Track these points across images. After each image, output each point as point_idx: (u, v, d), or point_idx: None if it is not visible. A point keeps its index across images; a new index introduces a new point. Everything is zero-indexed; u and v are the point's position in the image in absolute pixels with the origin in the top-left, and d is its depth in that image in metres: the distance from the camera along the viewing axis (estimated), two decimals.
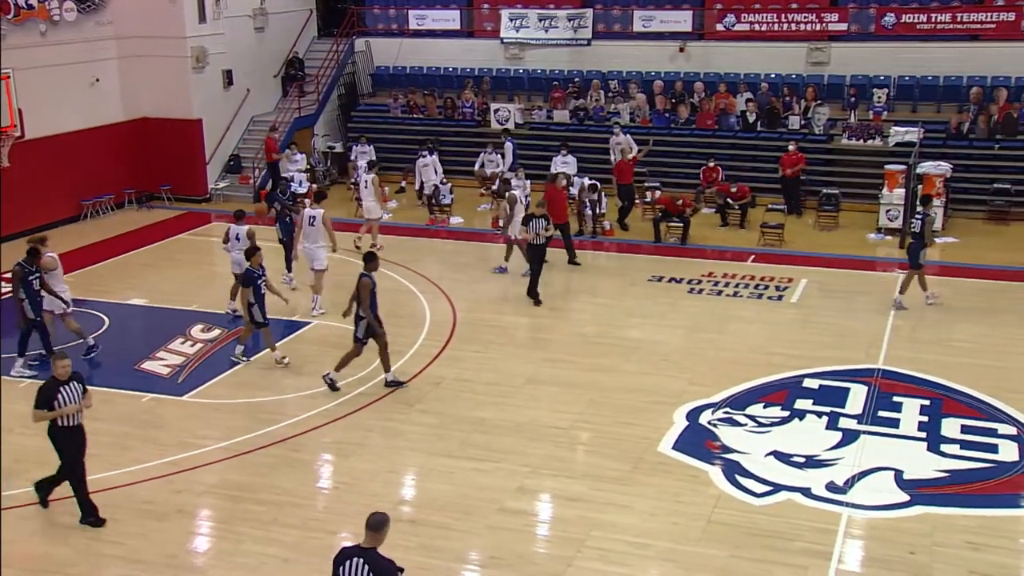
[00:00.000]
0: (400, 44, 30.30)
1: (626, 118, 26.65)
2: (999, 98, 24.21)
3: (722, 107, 26.03)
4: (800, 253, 20.50)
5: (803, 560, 9.80)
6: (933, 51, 25.37)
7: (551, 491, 11.40)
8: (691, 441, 12.41)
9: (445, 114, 28.33)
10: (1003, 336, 15.70)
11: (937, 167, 21.78)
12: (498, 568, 9.94)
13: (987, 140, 23.65)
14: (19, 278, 14.39)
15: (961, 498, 10.99)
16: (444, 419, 13.19)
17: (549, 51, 28.81)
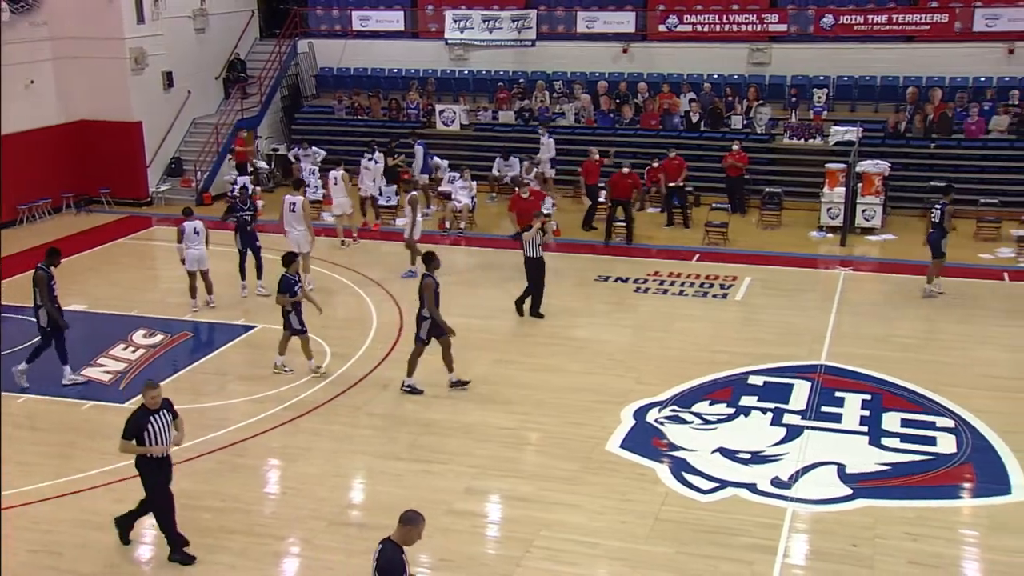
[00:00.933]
0: (344, 45, 30.13)
1: (571, 119, 26.81)
2: (934, 98, 24.74)
3: (666, 107, 26.25)
4: (744, 252, 20.75)
5: (749, 555, 9.92)
6: (870, 52, 25.85)
7: (500, 492, 11.42)
8: (638, 439, 12.50)
9: (390, 115, 28.21)
10: (941, 331, 16.04)
11: (876, 166, 22.18)
12: (448, 570, 9.94)
13: (923, 139, 24.14)
14: (43, 283, 14.06)
15: (901, 490, 11.21)
16: (392, 422, 13.14)
17: (494, 52, 28.84)
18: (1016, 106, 24.19)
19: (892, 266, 19.80)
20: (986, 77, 25.34)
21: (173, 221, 18.18)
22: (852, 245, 21.25)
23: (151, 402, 9.78)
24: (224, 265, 18.25)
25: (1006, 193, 22.69)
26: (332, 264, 19.72)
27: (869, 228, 21.92)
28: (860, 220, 21.92)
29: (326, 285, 18.49)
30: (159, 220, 23.83)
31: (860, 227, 21.90)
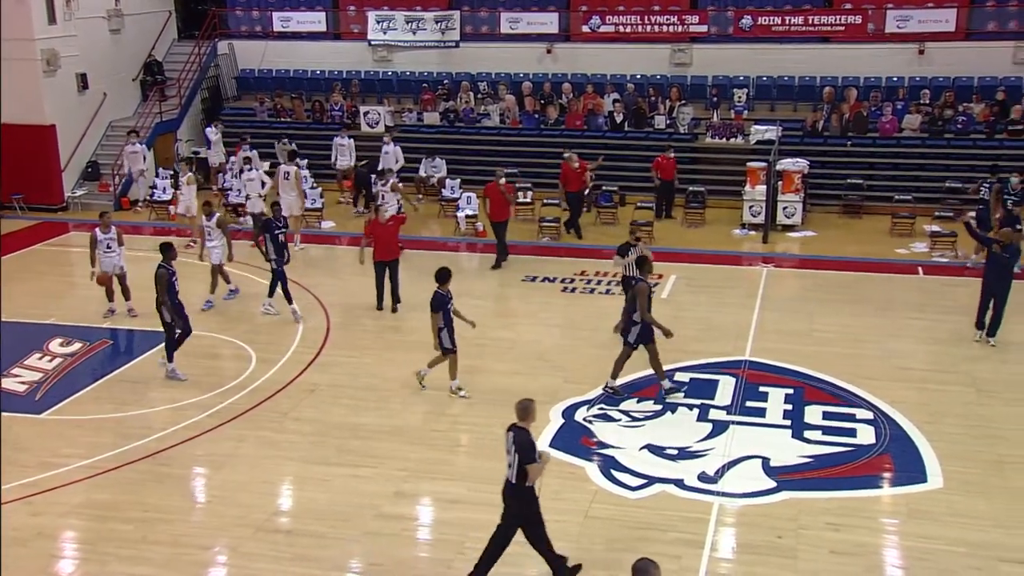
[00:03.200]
0: (265, 46, 29.79)
1: (496, 120, 26.87)
2: (849, 97, 25.38)
3: (590, 108, 26.47)
4: (669, 250, 20.95)
5: (677, 550, 10.05)
6: (788, 52, 26.40)
7: (430, 494, 11.40)
8: (567, 438, 12.57)
9: (314, 117, 27.96)
10: (860, 325, 16.42)
11: (795, 164, 22.65)
12: (378, 575, 9.87)
13: (840, 137, 24.74)
14: (164, 281, 14.06)
15: (823, 482, 11.46)
16: (319, 426, 13.01)
17: (418, 53, 28.79)
18: (927, 105, 24.93)
19: (812, 262, 20.23)
20: (898, 77, 26.07)
21: (89, 226, 17.73)
22: (774, 242, 21.67)
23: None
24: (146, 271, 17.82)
25: (919, 190, 23.36)
26: (256, 268, 19.43)
27: (790, 225, 22.37)
28: (781, 217, 22.36)
29: (252, 290, 18.23)
30: (75, 226, 23.25)
31: (781, 224, 22.34)
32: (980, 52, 25.49)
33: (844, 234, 22.23)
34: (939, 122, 24.43)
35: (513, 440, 9.13)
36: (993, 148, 23.85)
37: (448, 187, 24.29)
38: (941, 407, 13.22)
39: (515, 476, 9.21)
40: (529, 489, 9.26)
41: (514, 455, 9.17)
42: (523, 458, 9.10)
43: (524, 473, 9.07)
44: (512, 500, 9.37)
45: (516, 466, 9.16)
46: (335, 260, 20.86)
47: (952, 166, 23.77)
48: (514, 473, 9.21)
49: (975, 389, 13.79)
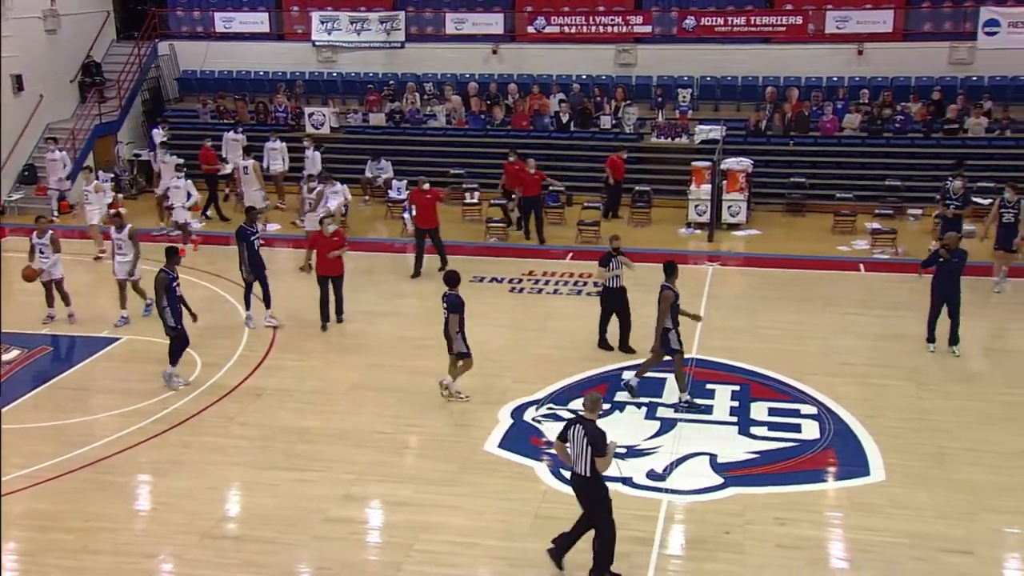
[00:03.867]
0: (207, 47, 29.44)
1: (442, 120, 26.84)
2: (791, 97, 25.75)
3: (536, 108, 26.55)
4: None
5: (626, 547, 10.06)
6: (731, 53, 26.71)
7: (378, 497, 11.33)
8: (517, 439, 12.58)
9: (257, 119, 27.67)
10: (804, 321, 16.64)
11: (739, 163, 22.90)
12: None
13: (783, 136, 25.09)
14: (164, 285, 13.76)
15: (770, 477, 11.59)
16: (266, 431, 12.88)
17: (362, 54, 28.65)
18: (866, 104, 25.38)
19: (757, 260, 20.47)
20: (838, 77, 26.51)
21: (26, 231, 17.38)
22: (719, 240, 21.89)
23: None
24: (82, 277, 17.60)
25: (860, 188, 23.76)
26: (199, 271, 19.20)
27: (735, 224, 22.62)
28: (726, 216, 22.60)
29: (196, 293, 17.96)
30: (12, 230, 22.75)
31: (726, 223, 22.58)
32: (917, 52, 26.00)
33: (788, 232, 22.53)
34: (878, 121, 24.88)
35: (584, 433, 9.24)
36: (931, 147, 24.35)
37: (395, 188, 24.20)
38: (883, 401, 13.44)
39: (588, 469, 9.32)
40: (600, 482, 9.44)
41: (584, 447, 9.27)
42: (595, 450, 9.23)
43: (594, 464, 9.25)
44: (587, 491, 9.49)
45: (588, 458, 9.28)
46: (279, 263, 20.63)
47: (891, 164, 24.23)
48: (586, 466, 9.31)
49: (915, 383, 14.05)
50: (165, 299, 13.87)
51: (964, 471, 11.57)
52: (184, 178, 21.67)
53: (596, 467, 9.27)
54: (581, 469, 9.39)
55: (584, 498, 9.55)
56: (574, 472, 9.50)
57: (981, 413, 13.06)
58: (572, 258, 20.47)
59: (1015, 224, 17.67)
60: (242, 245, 16.51)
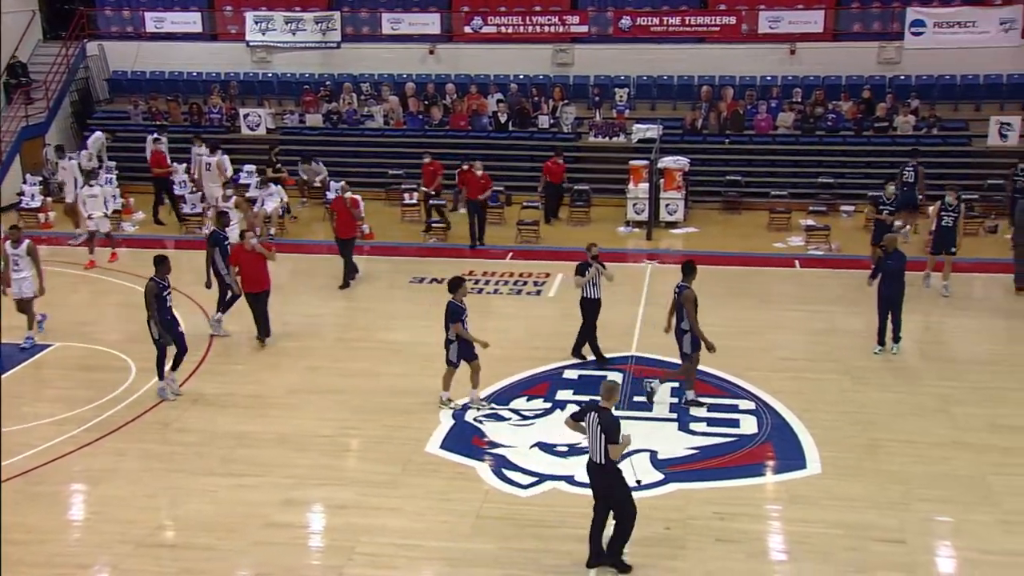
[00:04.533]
0: (138, 48, 28.98)
1: (380, 121, 26.73)
2: (726, 96, 26.11)
3: (474, 108, 26.56)
4: (555, 248, 21.23)
5: (568, 545, 10.13)
6: (666, 52, 26.99)
7: (319, 500, 11.24)
8: (458, 439, 12.58)
9: (191, 120, 27.29)
10: (741, 318, 16.86)
11: (676, 161, 23.15)
12: None
13: (718, 135, 25.42)
14: (153, 294, 13.26)
15: (709, 472, 11.72)
16: (204, 436, 12.71)
17: (298, 54, 28.42)
18: (799, 103, 25.83)
19: (695, 257, 20.52)
20: (772, 76, 26.94)
21: None
22: (657, 239, 22.12)
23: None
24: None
25: (794, 185, 24.18)
26: (131, 275, 18.87)
27: (672, 222, 22.87)
28: (664, 214, 22.84)
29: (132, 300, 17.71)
30: None
31: (664, 221, 22.81)
32: (847, 52, 26.55)
33: (724, 229, 22.84)
34: (811, 119, 25.33)
35: (599, 421, 9.39)
36: (862, 145, 24.86)
37: (332, 189, 24.00)
38: (818, 395, 13.69)
39: (603, 456, 9.44)
40: (616, 468, 9.55)
41: (599, 435, 9.40)
42: (609, 438, 9.36)
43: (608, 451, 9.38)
44: (601, 479, 9.60)
45: (603, 445, 9.41)
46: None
47: (824, 162, 24.71)
48: (601, 453, 9.44)
49: (850, 377, 14.33)
50: (155, 309, 13.39)
51: (896, 462, 11.83)
52: (102, 184, 21.06)
53: (609, 454, 9.40)
54: (596, 457, 9.55)
55: (598, 484, 9.69)
56: (589, 459, 9.66)
57: (913, 405, 13.37)
58: (512, 258, 20.53)
59: (954, 228, 17.67)
60: (214, 249, 16.19)
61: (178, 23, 29.10)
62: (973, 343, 16.08)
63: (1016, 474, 11.53)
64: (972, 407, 13.29)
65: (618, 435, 9.42)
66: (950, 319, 16.86)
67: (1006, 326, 16.44)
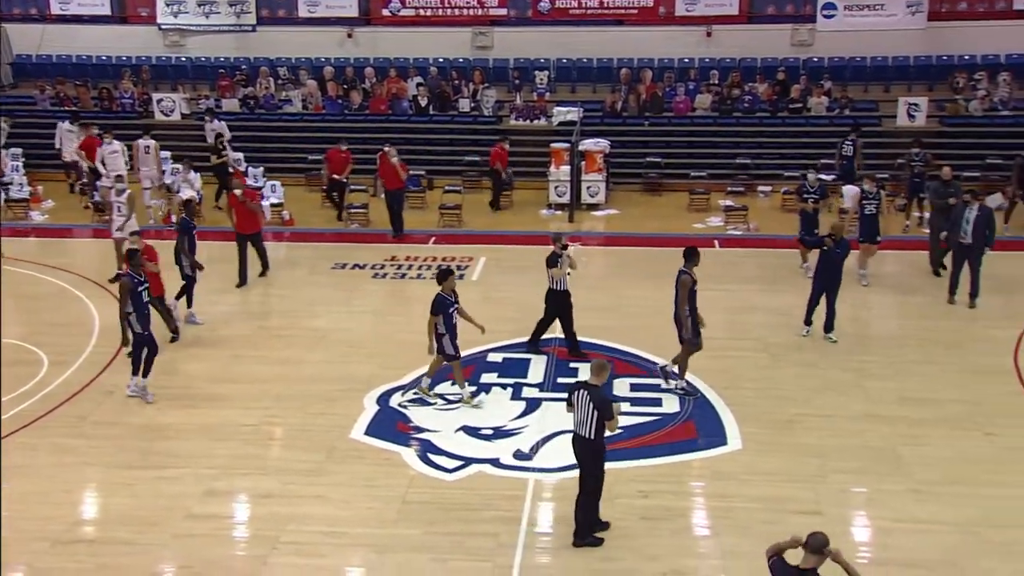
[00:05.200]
0: (43, 30, 28.12)
1: (298, 105, 26.38)
2: (645, 78, 26.36)
3: (394, 92, 26.37)
4: (478, 232, 21.24)
5: (495, 528, 10.20)
6: (585, 35, 27.14)
7: (242, 491, 11.11)
8: (383, 425, 12.54)
9: (102, 106, 26.60)
10: (663, 298, 16.92)
11: (597, 144, 23.32)
12: None
13: (638, 117, 25.64)
14: (128, 289, 12.72)
15: (633, 451, 11.86)
16: (121, 429, 12.45)
17: (212, 38, 27.91)
18: (716, 85, 26.18)
19: (617, 239, 20.91)
20: (689, 58, 27.27)
21: None
22: (579, 221, 22.27)
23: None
24: None
25: (713, 166, 24.54)
26: (43, 266, 18.37)
27: (594, 204, 23.03)
28: (585, 196, 22.99)
29: (42, 289, 17.24)
30: None
31: (586, 203, 22.97)
32: (762, 35, 27.01)
33: (645, 211, 23.07)
34: (728, 101, 25.71)
35: (590, 398, 9.55)
36: (777, 126, 25.32)
37: (251, 176, 23.64)
38: (738, 372, 13.94)
39: (592, 432, 9.63)
40: (602, 444, 9.78)
41: (590, 412, 9.57)
42: (603, 413, 9.54)
43: (602, 427, 9.57)
44: (588, 454, 9.81)
45: (594, 422, 9.58)
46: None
47: (741, 143, 25.12)
48: (591, 429, 9.62)
49: (768, 354, 14.63)
50: (130, 304, 12.94)
51: (813, 436, 12.13)
52: None
53: (604, 431, 9.64)
54: (585, 432, 9.72)
55: (585, 458, 9.88)
56: (577, 434, 9.82)
57: (828, 381, 13.70)
58: (435, 242, 20.47)
59: (877, 216, 17.46)
60: (183, 238, 15.83)
61: (85, 5, 28.34)
62: (885, 319, 16.56)
63: (925, 444, 11.92)
64: (884, 381, 13.68)
65: (611, 410, 9.65)
66: (863, 296, 17.28)
67: (916, 302, 16.92)
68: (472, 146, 25.23)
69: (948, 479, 11.09)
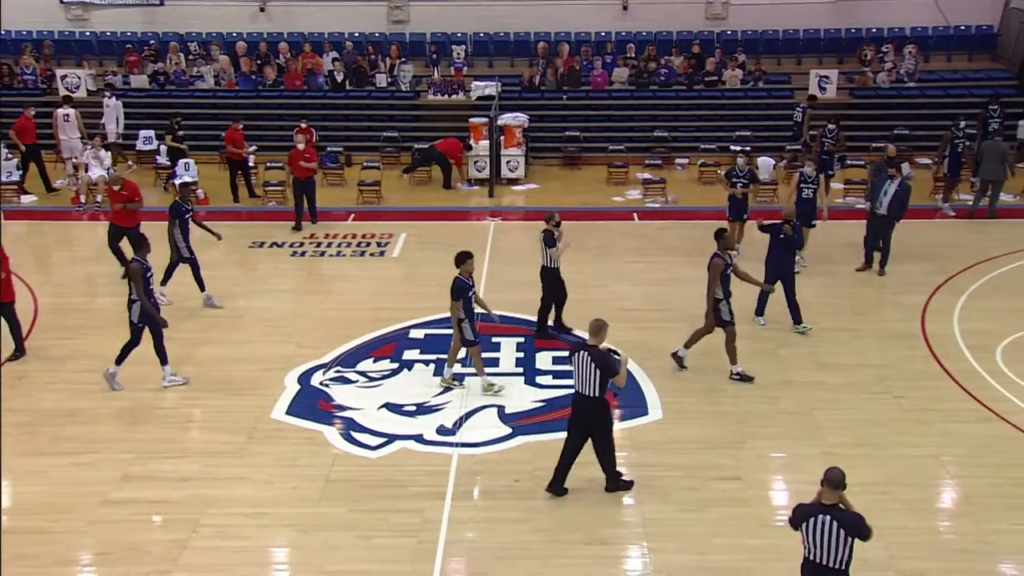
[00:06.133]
0: None
1: (211, 81, 25.81)
2: (562, 52, 26.38)
3: (309, 67, 25.95)
4: (398, 208, 21.10)
5: (419, 503, 10.18)
6: (502, 8, 27.04)
7: (160, 474, 10.87)
8: (304, 404, 12.41)
9: (2, 82, 25.64)
10: (582, 271, 17.13)
11: (515, 118, 23.27)
12: (108, 564, 9.38)
13: (556, 91, 25.65)
14: (139, 275, 12.43)
15: (556, 423, 11.82)
16: (31, 415, 12.10)
17: (118, 11, 27.14)
18: (633, 59, 26.32)
19: (537, 213, 20.84)
20: (606, 32, 27.38)
21: None
22: (499, 196, 22.25)
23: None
24: None
25: (631, 140, 24.70)
26: None
27: (514, 179, 23.03)
28: (505, 171, 22.97)
29: None
30: None
31: (506, 178, 22.95)
32: (677, 8, 27.26)
33: (565, 185, 23.15)
34: (644, 75, 25.88)
35: (591, 358, 9.78)
36: (693, 98, 25.58)
37: (162, 153, 23.11)
38: (658, 344, 14.07)
39: (596, 390, 9.86)
40: (605, 400, 10.06)
41: (592, 371, 9.79)
42: (607, 371, 9.81)
43: (605, 385, 9.88)
44: (593, 413, 10.07)
45: (598, 381, 9.81)
46: (40, 236, 19.36)
47: (658, 116, 25.31)
48: (595, 388, 9.84)
49: (687, 325, 14.76)
50: (141, 290, 12.45)
51: (732, 404, 12.36)
52: None
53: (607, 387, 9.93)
54: (588, 391, 9.93)
55: (586, 417, 10.12)
56: (580, 394, 10.00)
57: (746, 349, 13.87)
58: (354, 219, 20.26)
59: (814, 199, 16.95)
60: (175, 222, 15.38)
61: None
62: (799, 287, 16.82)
63: (838, 409, 12.24)
64: (799, 348, 14.01)
65: (615, 365, 9.88)
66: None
67: (828, 270, 17.28)
68: (390, 122, 24.99)
69: (859, 441, 11.42)
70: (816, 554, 7.45)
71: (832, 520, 7.35)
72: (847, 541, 7.34)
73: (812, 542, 7.45)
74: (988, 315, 15.09)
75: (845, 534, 7.33)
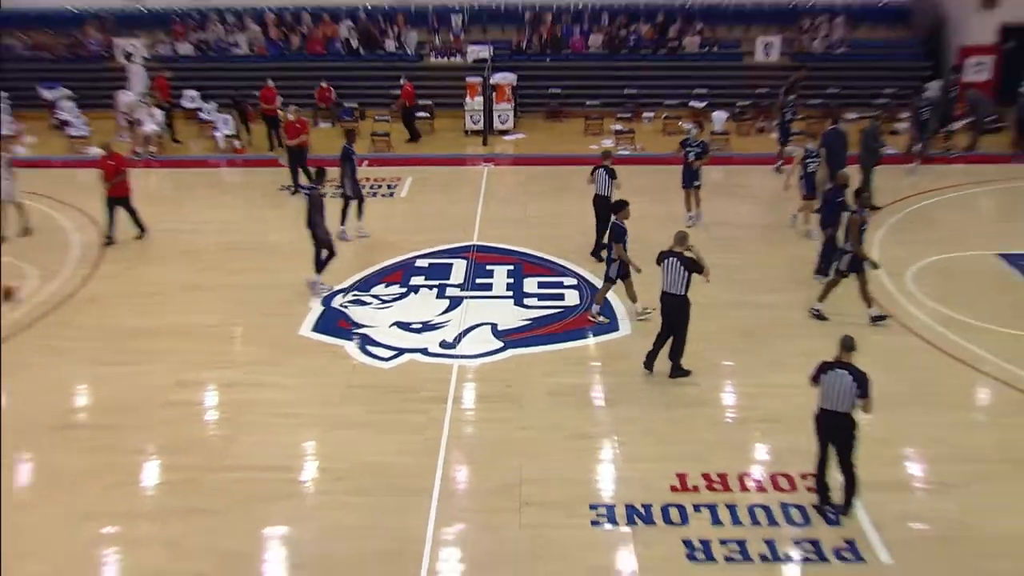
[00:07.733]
0: None
1: (246, 48, 25.25)
2: (546, 20, 25.76)
3: (328, 34, 25.39)
4: (405, 156, 20.82)
5: (426, 406, 10.19)
6: None
7: (209, 381, 10.85)
8: (327, 323, 12.35)
9: (72, 52, 25.01)
10: (562, 210, 17.03)
11: (505, 78, 22.87)
12: (172, 454, 9.38)
13: (540, 55, 25.16)
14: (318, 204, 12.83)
15: (541, 338, 11.91)
16: (102, 332, 12.04)
17: None
18: (607, 27, 25.75)
19: (524, 160, 20.71)
20: (583, 3, 26.66)
21: None
22: (492, 144, 21.94)
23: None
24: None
25: (605, 96, 24.30)
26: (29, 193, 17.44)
27: (504, 130, 22.71)
28: (497, 123, 22.63)
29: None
30: None
31: (497, 129, 22.62)
32: None
33: (548, 135, 22.84)
34: (616, 41, 25.35)
35: (680, 263, 10.33)
36: (658, 61, 25.11)
37: (205, 110, 22.69)
38: None
39: (683, 288, 10.41)
40: (689, 300, 10.49)
41: (682, 273, 10.34)
42: (694, 270, 10.39)
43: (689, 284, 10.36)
44: (681, 307, 10.51)
45: (685, 281, 10.35)
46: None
47: (628, 77, 24.86)
48: (682, 286, 10.39)
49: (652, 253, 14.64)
50: (319, 215, 12.93)
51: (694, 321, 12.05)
52: None
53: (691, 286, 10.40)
54: (677, 289, 10.44)
55: (675, 311, 10.51)
56: (668, 293, 10.49)
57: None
58: (368, 165, 19.97)
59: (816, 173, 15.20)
60: (345, 164, 15.16)
61: None
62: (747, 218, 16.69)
63: (781, 324, 12.17)
64: (749, 273, 13.90)
65: (701, 265, 10.44)
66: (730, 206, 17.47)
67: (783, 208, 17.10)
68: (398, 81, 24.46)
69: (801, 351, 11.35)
70: (831, 403, 8.01)
71: (848, 375, 7.98)
72: (854, 393, 7.91)
73: (827, 392, 8.02)
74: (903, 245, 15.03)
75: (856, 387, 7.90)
